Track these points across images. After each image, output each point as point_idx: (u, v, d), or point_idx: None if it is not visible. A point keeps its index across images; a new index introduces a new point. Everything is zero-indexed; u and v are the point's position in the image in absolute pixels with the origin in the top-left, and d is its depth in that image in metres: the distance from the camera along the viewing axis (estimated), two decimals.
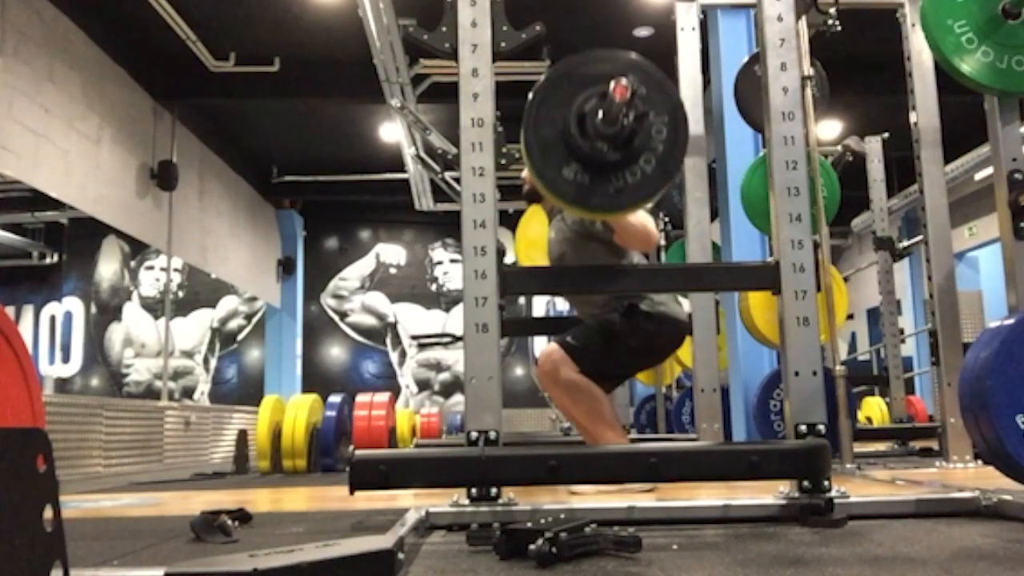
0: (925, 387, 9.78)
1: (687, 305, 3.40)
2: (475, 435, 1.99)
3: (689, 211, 3.57)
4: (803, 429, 2.02)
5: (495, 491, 1.93)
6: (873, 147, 5.37)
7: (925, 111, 3.64)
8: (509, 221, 7.17)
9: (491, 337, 2.03)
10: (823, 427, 2.02)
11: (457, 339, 6.38)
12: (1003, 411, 1.82)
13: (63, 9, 6.10)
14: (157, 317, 12.82)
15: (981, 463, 3.28)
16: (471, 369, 2.03)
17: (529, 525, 1.48)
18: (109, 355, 12.94)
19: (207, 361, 12.99)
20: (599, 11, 6.72)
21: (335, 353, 12.97)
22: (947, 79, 2.88)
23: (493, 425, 2.00)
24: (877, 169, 5.43)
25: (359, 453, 1.89)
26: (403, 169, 9.50)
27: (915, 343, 9.60)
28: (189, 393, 12.81)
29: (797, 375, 2.03)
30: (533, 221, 4.46)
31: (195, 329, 13.02)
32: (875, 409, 7.32)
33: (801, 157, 2.15)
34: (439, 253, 13.19)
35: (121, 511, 2.75)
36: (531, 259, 4.48)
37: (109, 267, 13.11)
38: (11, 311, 12.80)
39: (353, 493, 1.87)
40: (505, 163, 4.16)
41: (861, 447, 4.68)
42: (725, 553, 1.48)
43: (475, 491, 1.94)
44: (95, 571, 1.36)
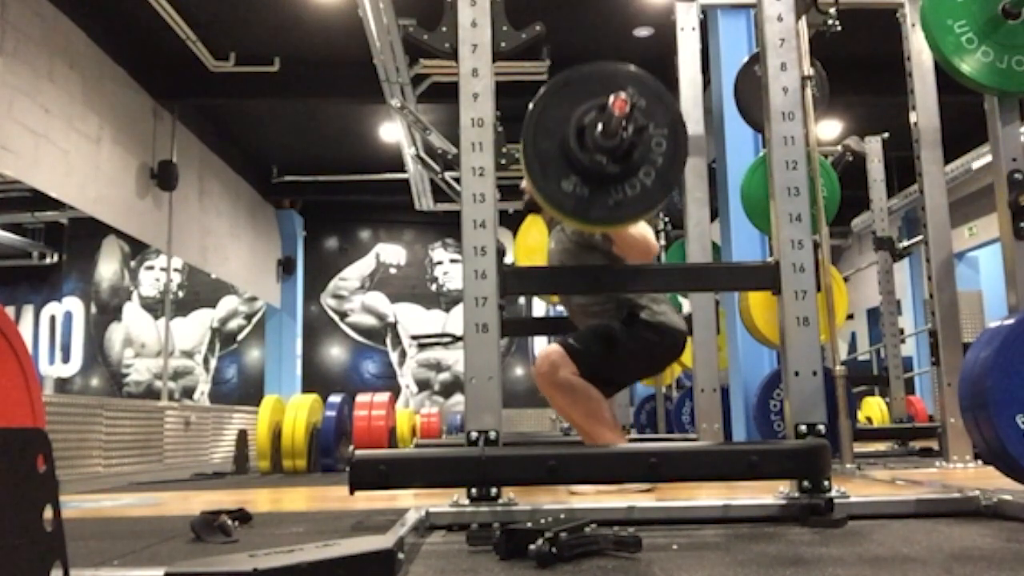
0: (925, 387, 9.78)
1: (687, 305, 3.40)
2: (475, 435, 1.99)
3: (689, 211, 3.58)
4: (803, 429, 2.02)
5: (495, 491, 1.93)
6: (873, 147, 5.38)
7: (925, 111, 3.64)
8: (509, 221, 7.16)
9: (491, 337, 2.03)
10: (823, 427, 2.02)
11: (457, 339, 6.37)
12: (1003, 411, 1.82)
13: (63, 9, 6.10)
14: (157, 317, 12.81)
15: (981, 463, 3.28)
16: (471, 369, 2.03)
17: (529, 525, 1.48)
18: (109, 355, 12.94)
19: (207, 361, 12.99)
20: (599, 11, 6.72)
21: (335, 353, 12.97)
22: (947, 79, 2.88)
23: (493, 425, 2.00)
24: (877, 169, 5.43)
25: (359, 453, 1.89)
26: (403, 169, 9.50)
27: (915, 343, 9.60)
28: (189, 393, 12.81)
29: (797, 375, 2.04)
30: (532, 229, 4.46)
31: (195, 329, 13.02)
32: (875, 409, 7.32)
33: (801, 157, 2.15)
34: (439, 253, 13.19)
35: (121, 511, 2.75)
36: None
37: (109, 267, 13.11)
38: (11, 311, 12.80)
39: (353, 493, 1.87)
40: (505, 163, 4.16)
41: (861, 447, 4.68)
42: (725, 553, 1.48)
43: (475, 491, 1.94)
44: (95, 571, 1.36)
